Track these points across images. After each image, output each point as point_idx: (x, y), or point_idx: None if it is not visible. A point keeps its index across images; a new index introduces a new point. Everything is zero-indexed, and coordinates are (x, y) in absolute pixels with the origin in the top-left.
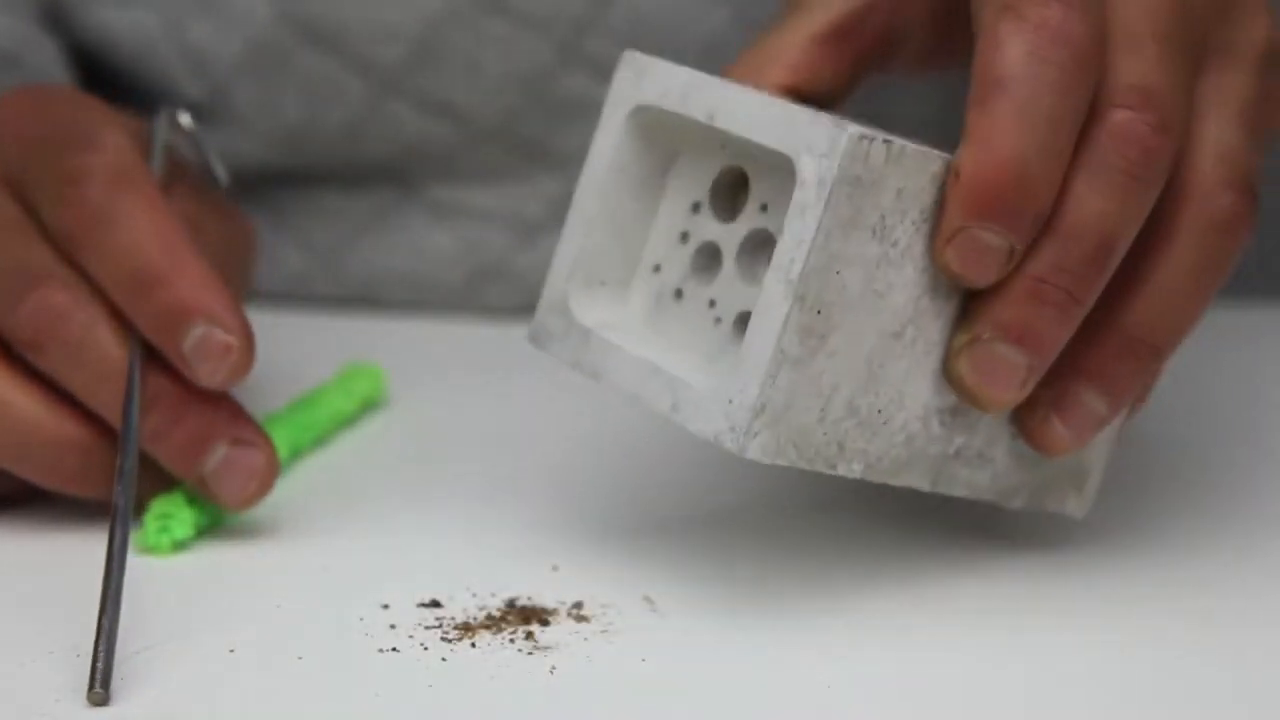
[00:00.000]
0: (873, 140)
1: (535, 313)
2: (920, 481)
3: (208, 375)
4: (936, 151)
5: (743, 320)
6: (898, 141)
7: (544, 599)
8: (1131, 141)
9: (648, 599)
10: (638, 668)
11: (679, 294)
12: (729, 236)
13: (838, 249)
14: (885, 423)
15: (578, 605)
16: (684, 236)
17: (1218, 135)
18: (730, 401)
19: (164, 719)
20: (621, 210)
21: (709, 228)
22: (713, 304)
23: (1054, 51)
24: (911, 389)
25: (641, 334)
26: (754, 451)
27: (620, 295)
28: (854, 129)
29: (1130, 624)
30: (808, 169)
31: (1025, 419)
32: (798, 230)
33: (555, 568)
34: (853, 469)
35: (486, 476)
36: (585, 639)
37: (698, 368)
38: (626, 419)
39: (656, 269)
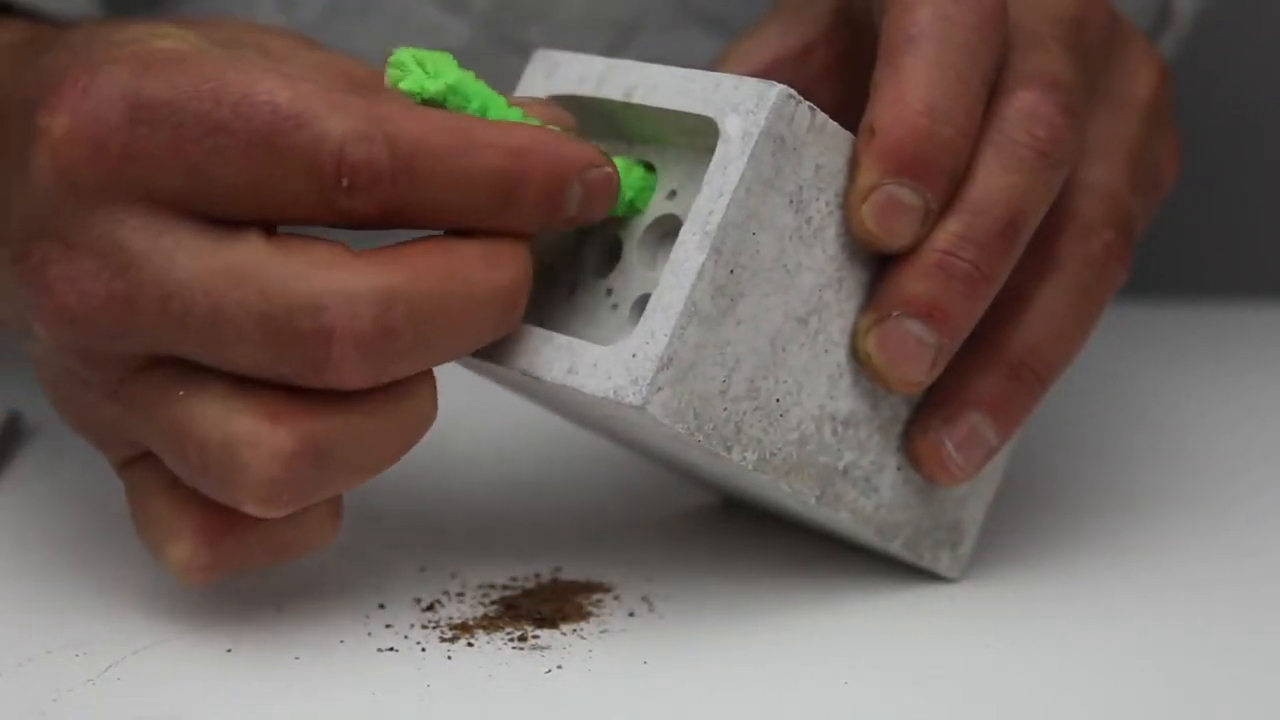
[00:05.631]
0: (799, 102)
1: None
2: (809, 489)
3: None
4: (856, 136)
5: (641, 303)
6: (822, 113)
7: (543, 599)
8: (1039, 120)
9: (647, 599)
10: (637, 668)
11: (573, 290)
12: (632, 226)
13: (755, 207)
14: (783, 415)
15: (577, 605)
16: (580, 235)
17: (1102, 176)
18: (634, 355)
19: (163, 719)
20: None
21: (610, 222)
22: (610, 292)
23: (961, 12)
24: (810, 385)
25: (529, 327)
26: (656, 407)
27: None
28: (782, 87)
29: (1128, 626)
30: (733, 126)
31: (918, 443)
32: (718, 184)
33: (556, 568)
34: (747, 457)
35: (485, 477)
36: (584, 639)
37: (595, 344)
38: None
39: (550, 269)
